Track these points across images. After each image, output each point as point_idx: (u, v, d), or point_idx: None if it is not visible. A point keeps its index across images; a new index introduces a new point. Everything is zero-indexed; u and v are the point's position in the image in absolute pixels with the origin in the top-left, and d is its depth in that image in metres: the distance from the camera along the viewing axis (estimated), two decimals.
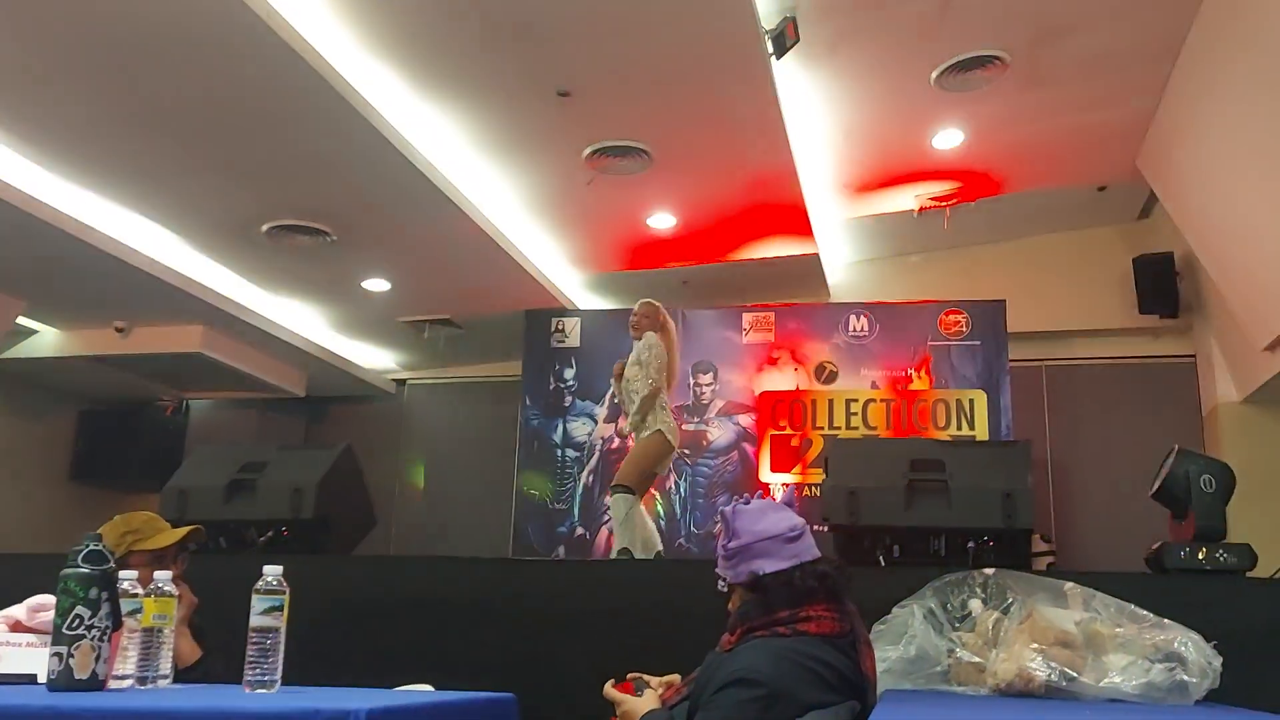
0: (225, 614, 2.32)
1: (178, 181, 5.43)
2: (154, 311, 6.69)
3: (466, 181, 5.78)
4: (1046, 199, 6.88)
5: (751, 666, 1.92)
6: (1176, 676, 2.22)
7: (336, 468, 3.72)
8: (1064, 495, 7.08)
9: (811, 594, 2.03)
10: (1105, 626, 2.38)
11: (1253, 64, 4.73)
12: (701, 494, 6.94)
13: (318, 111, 4.71)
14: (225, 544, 3.70)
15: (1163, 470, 3.05)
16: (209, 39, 4.14)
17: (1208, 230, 6.12)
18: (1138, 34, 5.08)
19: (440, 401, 8.71)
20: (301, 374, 8.07)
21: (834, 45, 4.98)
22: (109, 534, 2.69)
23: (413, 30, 4.50)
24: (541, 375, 7.34)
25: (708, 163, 5.78)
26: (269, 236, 6.03)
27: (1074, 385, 7.36)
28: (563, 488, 7.13)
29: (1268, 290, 5.56)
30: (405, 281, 6.95)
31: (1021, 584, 2.52)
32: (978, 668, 2.39)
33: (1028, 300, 7.00)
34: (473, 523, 7.66)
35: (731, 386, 7.12)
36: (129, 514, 2.88)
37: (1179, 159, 5.94)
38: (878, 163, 6.22)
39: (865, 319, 7.05)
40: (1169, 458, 3.07)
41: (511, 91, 5.01)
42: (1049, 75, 5.34)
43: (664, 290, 7.43)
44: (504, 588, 3.23)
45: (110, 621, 1.82)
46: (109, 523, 2.74)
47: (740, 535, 2.12)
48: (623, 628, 2.98)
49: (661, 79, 4.91)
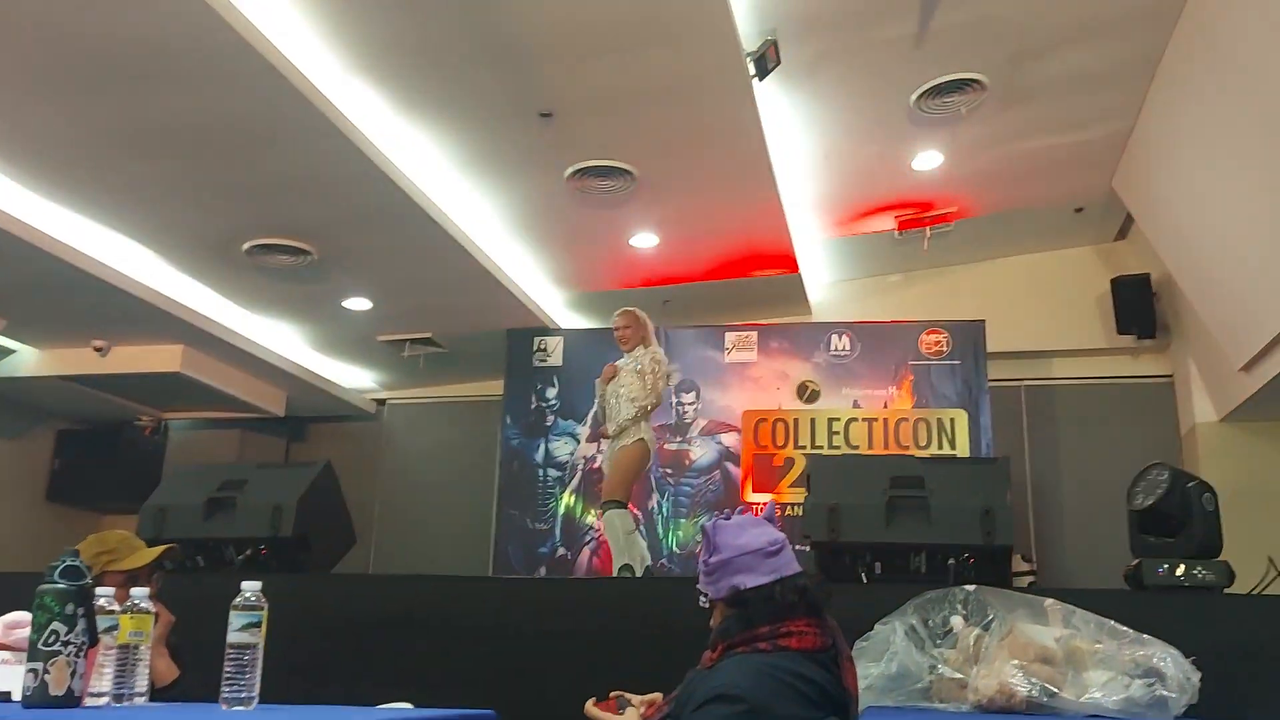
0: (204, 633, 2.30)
1: (158, 200, 5.41)
2: (133, 331, 6.66)
3: (449, 200, 5.78)
4: (1025, 220, 6.94)
5: (732, 682, 1.91)
6: (1156, 692, 2.23)
7: (316, 485, 3.70)
8: (1044, 515, 7.11)
9: (792, 609, 2.02)
10: (1085, 642, 2.39)
11: (1226, 86, 4.80)
12: (684, 513, 6.93)
13: (300, 130, 4.72)
14: (204, 563, 3.67)
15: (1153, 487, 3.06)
16: (191, 58, 4.14)
17: (1184, 251, 6.19)
18: (1113, 57, 5.14)
19: (421, 421, 8.68)
20: (281, 394, 8.03)
21: (815, 67, 5.02)
22: (83, 553, 2.67)
23: (395, 50, 4.51)
24: (523, 394, 7.33)
25: (690, 183, 5.80)
26: (250, 255, 6.01)
27: (1053, 405, 7.41)
28: (544, 508, 7.11)
29: (1244, 310, 5.61)
30: (386, 300, 6.94)
31: (1002, 600, 2.53)
32: (959, 684, 2.39)
33: (1007, 320, 7.05)
34: (453, 544, 7.62)
35: (714, 406, 7.12)
36: (103, 533, 2.87)
37: (1155, 180, 6.01)
38: (858, 184, 6.26)
39: (847, 338, 7.08)
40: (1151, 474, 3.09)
41: (494, 111, 5.03)
42: (1026, 98, 5.40)
43: (646, 309, 7.34)
44: (484, 606, 3.22)
45: (86, 638, 1.80)
46: (84, 542, 2.72)
47: (721, 550, 2.12)
48: (604, 645, 2.97)
49: (644, 100, 4.94)
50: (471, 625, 3.13)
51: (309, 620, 3.15)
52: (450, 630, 3.14)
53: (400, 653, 3.14)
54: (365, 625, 3.22)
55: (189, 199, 5.42)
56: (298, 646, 2.67)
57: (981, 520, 2.96)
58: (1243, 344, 5.73)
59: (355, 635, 3.21)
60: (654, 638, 2.90)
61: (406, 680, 2.90)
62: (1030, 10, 4.72)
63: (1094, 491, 6.82)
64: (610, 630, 3.01)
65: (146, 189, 5.28)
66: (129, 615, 1.96)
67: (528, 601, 3.25)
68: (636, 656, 2.87)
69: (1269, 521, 5.66)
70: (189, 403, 7.97)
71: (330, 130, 4.70)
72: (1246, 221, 5.23)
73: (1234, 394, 6.20)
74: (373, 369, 8.33)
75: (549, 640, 3.03)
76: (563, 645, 3.01)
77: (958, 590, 2.62)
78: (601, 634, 3.01)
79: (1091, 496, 6.85)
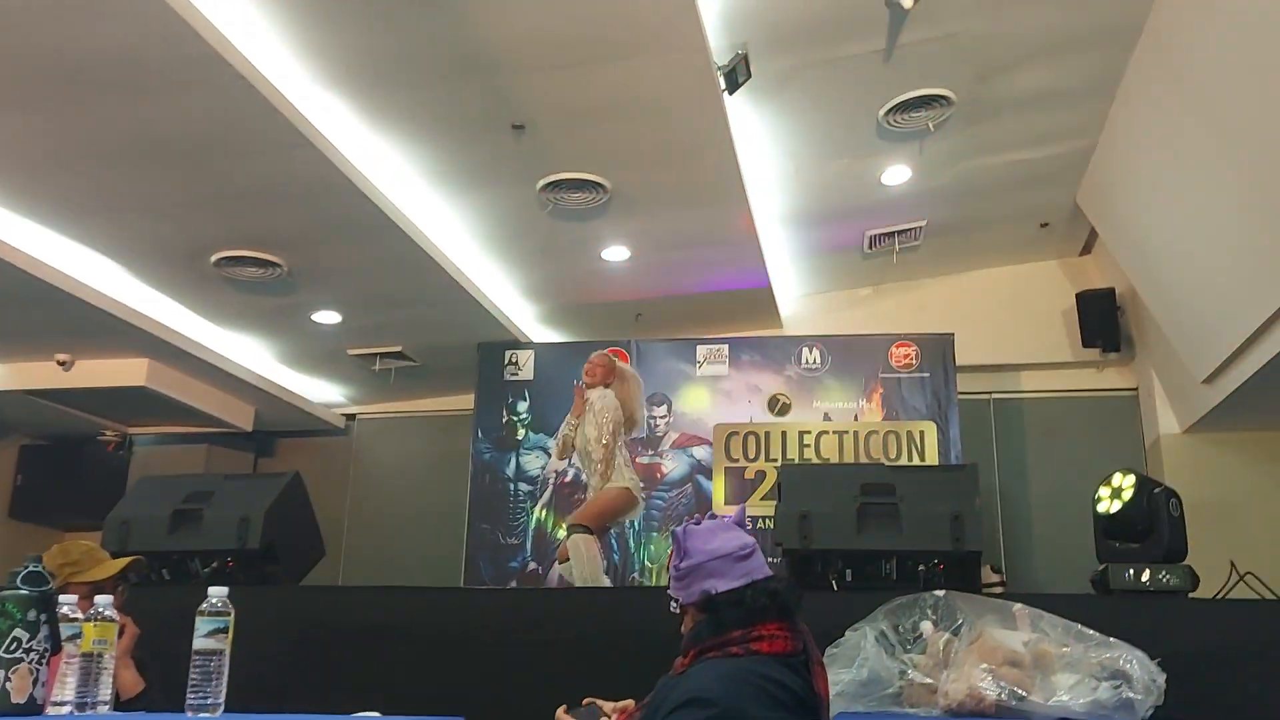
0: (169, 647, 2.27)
1: (124, 211, 5.36)
2: (98, 344, 6.58)
3: (419, 213, 5.77)
4: (992, 235, 7.02)
5: (704, 686, 1.91)
6: (1123, 694, 2.24)
7: (284, 497, 3.66)
8: (1012, 526, 7.17)
9: (764, 612, 2.03)
10: (1053, 646, 2.41)
11: (1186, 103, 4.89)
12: (655, 527, 6.92)
13: (270, 141, 4.69)
14: (169, 576, 3.62)
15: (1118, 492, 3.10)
16: (159, 67, 4.11)
17: (1147, 265, 6.28)
18: (1076, 74, 5.22)
19: (391, 435, 8.63)
20: (249, 408, 7.96)
21: (785, 82, 5.06)
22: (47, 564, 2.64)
23: (366, 62, 4.51)
24: (494, 408, 7.31)
25: (662, 196, 5.82)
26: (218, 267, 5.97)
27: (1021, 417, 7.48)
28: (515, 522, 7.08)
29: (1206, 324, 5.70)
30: (356, 314, 6.91)
31: (971, 605, 2.54)
32: (929, 689, 2.40)
33: (975, 333, 7.12)
34: (424, 558, 7.57)
35: (685, 419, 7.13)
36: (67, 544, 2.84)
37: (1117, 196, 6.10)
38: (828, 197, 6.31)
39: (817, 351, 7.12)
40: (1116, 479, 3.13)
41: (466, 123, 5.03)
42: (992, 114, 5.47)
43: (618, 322, 7.47)
44: (454, 617, 3.20)
45: (49, 646, 1.78)
46: (47, 553, 2.69)
47: (692, 555, 2.12)
48: (575, 654, 2.96)
49: (616, 113, 4.96)
50: (442, 636, 3.11)
51: (276, 632, 3.12)
52: (420, 641, 3.11)
53: (369, 664, 3.11)
54: (334, 637, 3.19)
55: (156, 210, 5.37)
56: (265, 658, 2.64)
57: (951, 526, 2.98)
58: (1205, 357, 5.82)
59: (324, 647, 3.18)
60: (625, 646, 2.90)
61: (376, 691, 2.87)
62: (995, 28, 4.79)
63: (1061, 502, 6.89)
64: (581, 639, 3.00)
65: (113, 200, 5.23)
66: (93, 623, 1.94)
67: (498, 612, 3.23)
68: (608, 665, 2.86)
69: (1231, 529, 5.75)
70: (155, 417, 7.88)
71: (300, 142, 4.68)
72: (1207, 236, 5.31)
73: (1197, 406, 6.28)
74: (342, 383, 8.28)
75: (520, 650, 3.02)
76: (533, 655, 2.99)
77: (927, 595, 2.64)
78: (572, 643, 3.00)
79: (1059, 507, 6.92)
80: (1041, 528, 7.11)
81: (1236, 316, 5.23)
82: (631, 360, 7.21)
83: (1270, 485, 6.49)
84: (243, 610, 1.92)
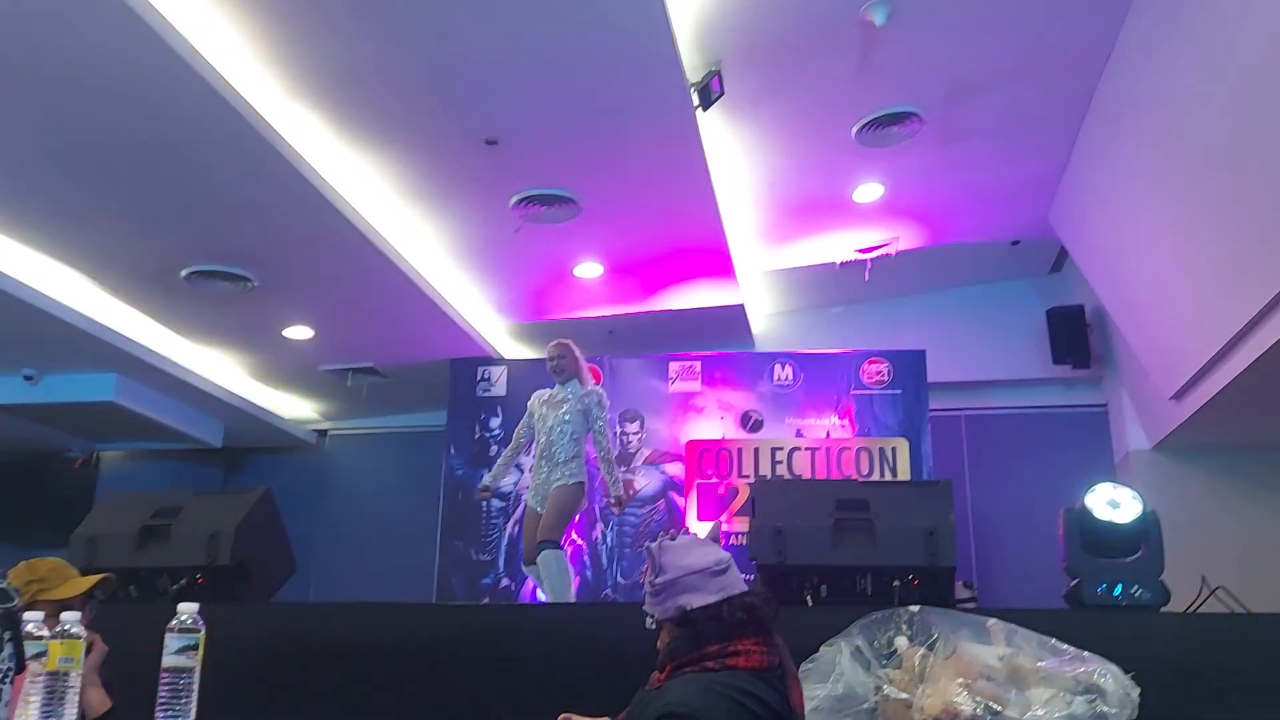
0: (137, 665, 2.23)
1: (93, 224, 5.30)
2: (65, 359, 6.49)
3: (392, 228, 5.75)
4: (963, 252, 7.08)
5: (680, 700, 1.90)
6: (1097, 708, 2.26)
7: (255, 512, 3.61)
8: (984, 541, 7.21)
9: (740, 627, 2.02)
10: (1028, 660, 2.42)
11: (1155, 122, 4.95)
12: (629, 543, 6.90)
13: (240, 155, 4.66)
14: (137, 593, 3.56)
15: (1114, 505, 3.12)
16: (129, 78, 4.08)
17: (1115, 284, 6.35)
18: (1047, 95, 5.29)
19: (362, 452, 8.58)
20: (219, 424, 7.89)
21: (757, 99, 5.09)
22: (13, 581, 2.59)
23: (338, 75, 4.49)
24: (467, 425, 7.27)
25: (634, 212, 5.84)
26: (188, 282, 5.91)
27: (992, 433, 7.53)
28: (488, 539, 7.04)
29: (1173, 341, 5.76)
30: (328, 329, 6.86)
31: (945, 620, 2.55)
32: (904, 704, 2.40)
33: (946, 350, 7.16)
34: (396, 575, 7.51)
35: (658, 435, 7.13)
36: (34, 561, 2.79)
37: (1087, 214, 6.16)
38: (801, 215, 6.34)
39: (790, 368, 7.14)
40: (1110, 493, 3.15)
41: (438, 139, 5.02)
42: (963, 132, 5.52)
43: (590, 339, 7.42)
44: (428, 632, 3.17)
45: (13, 664, 1.74)
46: (14, 570, 2.64)
47: (667, 570, 2.11)
48: (550, 670, 2.94)
49: (589, 129, 4.96)
50: (415, 652, 3.08)
51: (248, 649, 3.07)
52: (393, 657, 3.08)
53: (342, 680, 3.07)
54: (306, 653, 3.15)
55: (126, 223, 5.31)
56: (236, 675, 2.60)
57: (925, 541, 2.99)
58: (1172, 374, 5.88)
59: (295, 663, 3.14)
60: (599, 662, 2.88)
61: (349, 708, 2.84)
62: (967, 48, 4.84)
63: (1032, 518, 6.92)
64: (555, 655, 2.98)
65: (81, 213, 5.17)
66: (59, 641, 1.89)
67: (471, 628, 3.20)
68: (582, 680, 2.84)
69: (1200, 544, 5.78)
70: (123, 433, 7.78)
71: (271, 155, 4.65)
72: (1175, 255, 5.38)
73: (1165, 423, 6.35)
74: (314, 399, 8.21)
75: (493, 666, 2.99)
76: (507, 670, 2.97)
77: (902, 611, 2.65)
78: (546, 659, 2.98)
79: (1029, 523, 6.95)
80: (1012, 544, 7.14)
81: (1204, 334, 5.29)
82: (604, 377, 7.20)
83: (1236, 500, 6.56)
84: (213, 626, 1.89)
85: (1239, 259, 4.72)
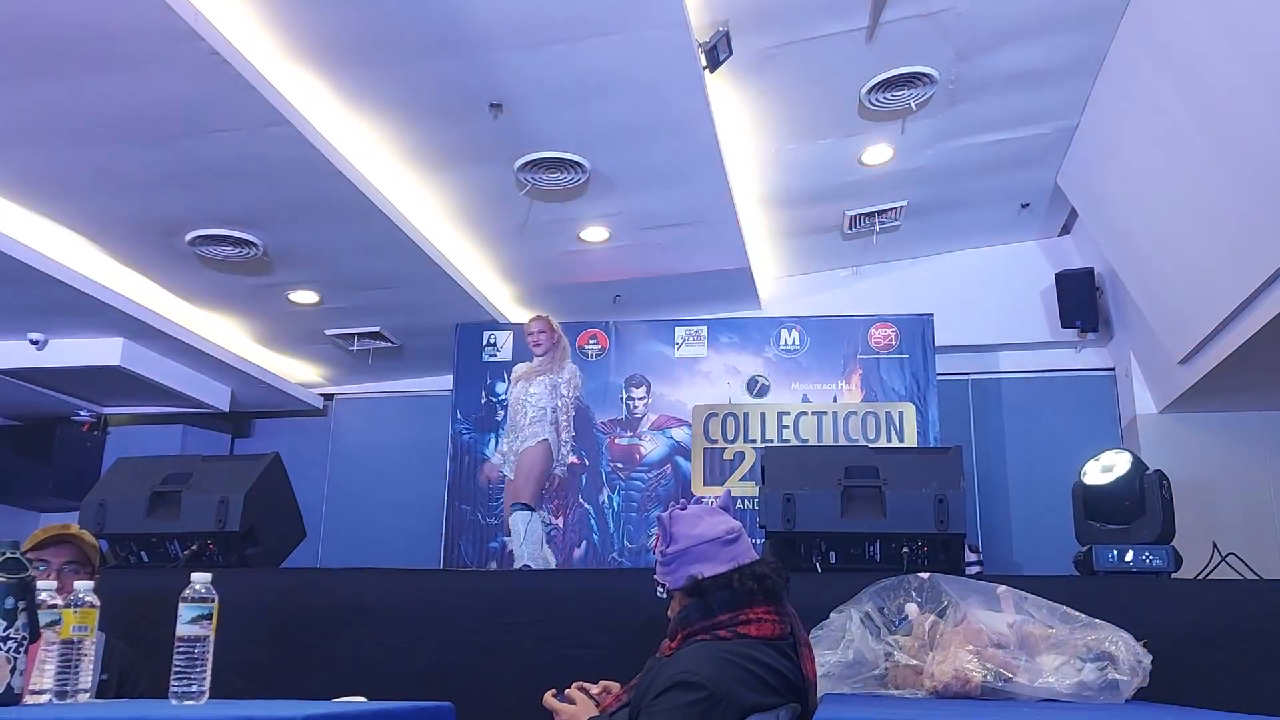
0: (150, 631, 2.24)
1: (97, 188, 5.27)
2: (71, 324, 6.49)
3: (397, 193, 5.71)
4: (972, 215, 7.03)
5: (692, 669, 1.91)
6: (1108, 675, 2.26)
7: (264, 478, 3.62)
8: (990, 506, 7.22)
9: (751, 596, 2.03)
10: (1038, 628, 2.42)
11: (1169, 82, 4.89)
12: (635, 508, 6.92)
13: (245, 119, 4.62)
14: (147, 558, 3.58)
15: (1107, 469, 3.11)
16: (131, 40, 4.03)
17: (1126, 246, 6.31)
18: (1059, 53, 5.22)
19: (369, 416, 8.59)
20: (226, 388, 7.89)
21: (766, 60, 5.03)
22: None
23: (342, 38, 4.44)
24: (473, 389, 7.27)
25: (641, 176, 5.78)
26: (193, 246, 5.89)
27: (999, 398, 7.52)
28: (495, 503, 7.06)
29: (1184, 305, 5.73)
30: (334, 294, 6.84)
31: (955, 587, 2.55)
32: (915, 670, 2.41)
33: (954, 314, 7.13)
34: (404, 539, 7.54)
35: (664, 400, 7.12)
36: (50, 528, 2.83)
37: (1098, 176, 6.11)
38: (808, 177, 6.29)
39: (796, 332, 7.11)
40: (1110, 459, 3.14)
41: (443, 102, 4.96)
42: (974, 94, 5.46)
43: (596, 303, 7.44)
44: (439, 599, 3.18)
45: (27, 633, 1.74)
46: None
47: (678, 540, 2.12)
48: (560, 637, 2.95)
49: (596, 91, 4.91)
50: (424, 618, 3.09)
51: (257, 616, 3.09)
52: (402, 623, 3.09)
53: (351, 647, 3.09)
54: (316, 619, 3.16)
55: (130, 188, 5.28)
56: (247, 642, 2.62)
57: (935, 508, 2.98)
58: (1182, 337, 5.85)
59: (305, 630, 3.15)
60: (610, 629, 2.89)
61: (359, 675, 2.85)
62: (978, 6, 4.77)
63: (1038, 483, 6.95)
64: (566, 622, 2.99)
65: (85, 177, 5.15)
66: (73, 609, 1.90)
67: (483, 594, 3.21)
68: (590, 646, 2.86)
69: (1209, 509, 5.81)
70: (130, 398, 7.80)
71: (276, 119, 4.61)
72: (1186, 217, 5.34)
73: (1173, 387, 6.33)
74: (320, 363, 8.22)
75: (502, 632, 3.00)
76: (516, 636, 2.98)
77: (912, 578, 2.65)
78: (554, 624, 2.99)
79: (1036, 488, 6.98)
80: (1018, 509, 7.16)
81: (1214, 297, 5.26)
82: (610, 341, 7.19)
83: (1245, 465, 6.55)
84: (223, 593, 1.90)
85: (1251, 222, 4.69)
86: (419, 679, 2.87)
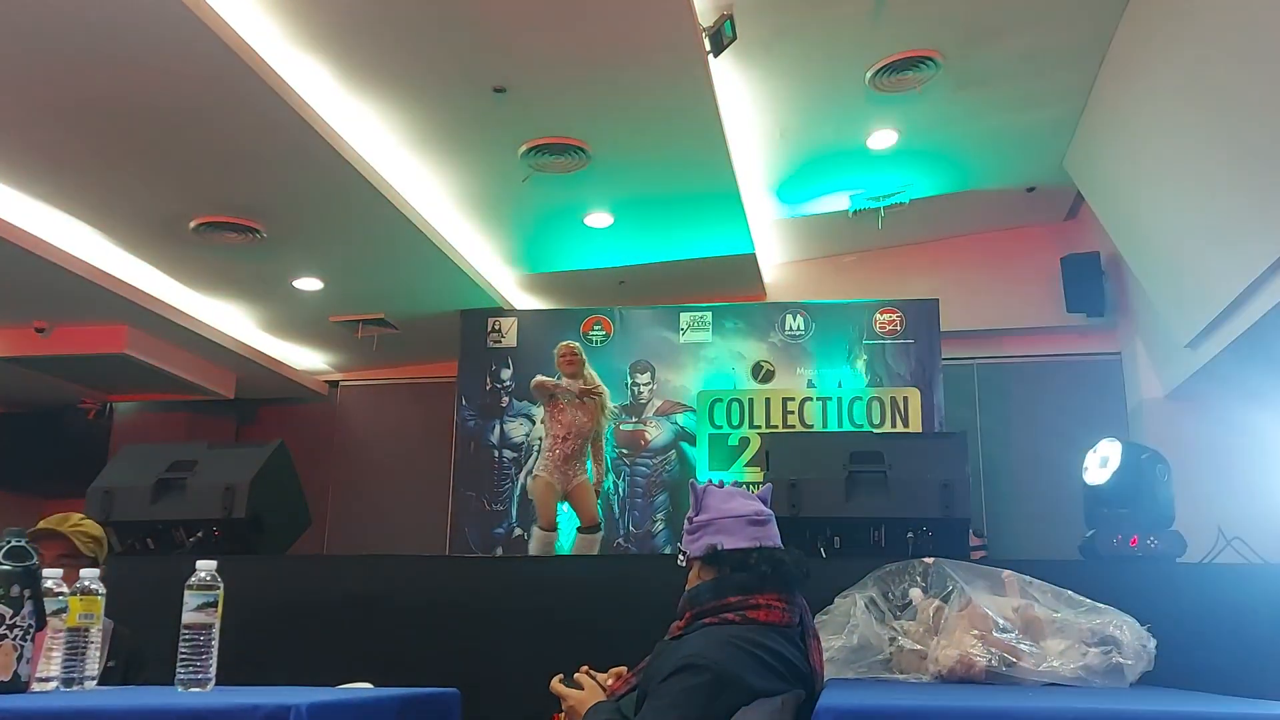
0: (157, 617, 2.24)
1: (101, 176, 5.27)
2: (76, 311, 6.51)
3: (400, 178, 5.70)
4: (978, 199, 7.00)
5: (699, 652, 1.91)
6: (1112, 659, 2.25)
7: (270, 465, 3.61)
8: (995, 491, 7.21)
9: (763, 580, 2.03)
10: (1042, 612, 2.42)
11: (1176, 66, 4.86)
12: (640, 493, 6.93)
13: (247, 105, 4.61)
14: (153, 546, 3.58)
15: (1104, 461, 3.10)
16: (134, 28, 4.03)
17: (1132, 230, 6.28)
18: (1065, 37, 5.19)
19: (374, 403, 8.60)
20: (231, 375, 7.91)
21: (770, 44, 5.01)
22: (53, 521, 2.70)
23: (344, 23, 4.42)
24: (478, 376, 7.28)
25: (645, 160, 5.77)
26: (197, 233, 5.89)
27: (1005, 383, 7.50)
28: (500, 489, 7.07)
29: (1189, 289, 5.71)
30: (338, 280, 6.84)
31: (960, 572, 2.54)
32: (919, 655, 2.41)
33: (960, 299, 7.12)
34: (409, 526, 7.57)
35: (669, 386, 7.12)
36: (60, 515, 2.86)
37: (1104, 160, 6.08)
38: (814, 162, 6.27)
39: (801, 318, 7.10)
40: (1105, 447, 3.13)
41: (446, 87, 4.95)
42: (980, 76, 5.43)
43: (601, 289, 7.44)
44: (444, 585, 3.18)
45: (34, 621, 1.75)
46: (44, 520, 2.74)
47: (707, 510, 2.14)
48: (565, 622, 2.96)
49: (599, 75, 4.89)
50: (430, 604, 3.09)
51: (263, 603, 3.10)
52: (408, 609, 3.10)
53: (357, 633, 3.09)
54: (321, 606, 3.17)
55: (133, 175, 5.28)
56: (252, 629, 2.62)
57: (940, 494, 2.98)
58: (1188, 322, 5.83)
59: (311, 616, 3.16)
60: (616, 614, 2.90)
61: (365, 661, 2.86)
62: None
63: (1044, 468, 6.93)
64: (571, 607, 2.99)
65: (89, 165, 5.15)
66: (78, 597, 1.91)
67: (488, 580, 3.21)
68: (598, 633, 2.86)
69: (1214, 493, 5.78)
70: (135, 385, 7.81)
71: (279, 105, 4.60)
72: (1192, 201, 5.31)
73: (1179, 371, 6.31)
74: (325, 350, 8.22)
75: (508, 617, 3.01)
76: (522, 621, 2.99)
77: (917, 563, 2.64)
78: (560, 610, 2.99)
79: (1042, 473, 6.96)
80: (1024, 494, 7.16)
81: (1220, 282, 5.23)
82: (615, 327, 7.18)
83: (1252, 448, 6.53)
84: (229, 580, 1.90)
85: (1257, 206, 4.66)
86: (425, 665, 2.87)
